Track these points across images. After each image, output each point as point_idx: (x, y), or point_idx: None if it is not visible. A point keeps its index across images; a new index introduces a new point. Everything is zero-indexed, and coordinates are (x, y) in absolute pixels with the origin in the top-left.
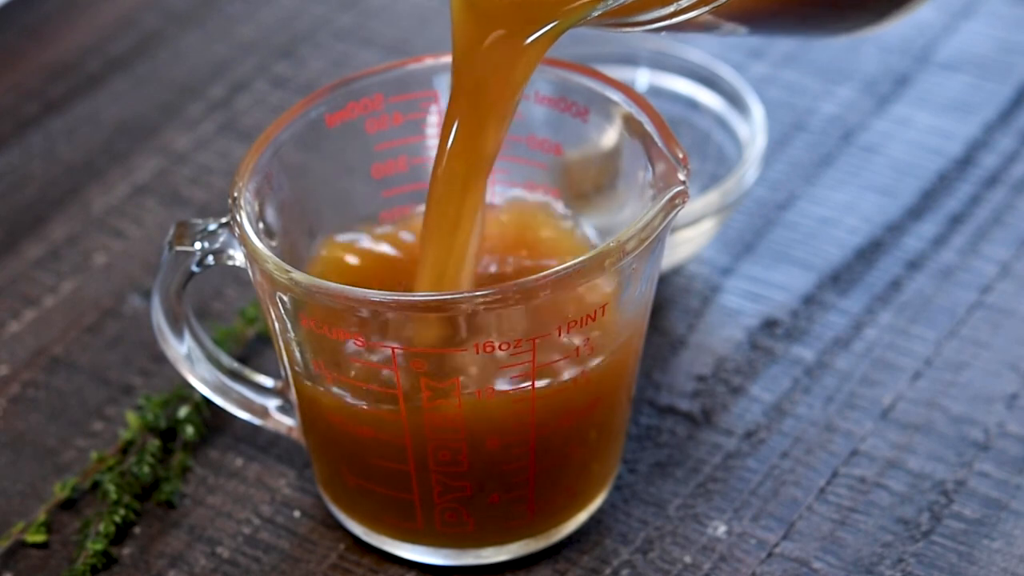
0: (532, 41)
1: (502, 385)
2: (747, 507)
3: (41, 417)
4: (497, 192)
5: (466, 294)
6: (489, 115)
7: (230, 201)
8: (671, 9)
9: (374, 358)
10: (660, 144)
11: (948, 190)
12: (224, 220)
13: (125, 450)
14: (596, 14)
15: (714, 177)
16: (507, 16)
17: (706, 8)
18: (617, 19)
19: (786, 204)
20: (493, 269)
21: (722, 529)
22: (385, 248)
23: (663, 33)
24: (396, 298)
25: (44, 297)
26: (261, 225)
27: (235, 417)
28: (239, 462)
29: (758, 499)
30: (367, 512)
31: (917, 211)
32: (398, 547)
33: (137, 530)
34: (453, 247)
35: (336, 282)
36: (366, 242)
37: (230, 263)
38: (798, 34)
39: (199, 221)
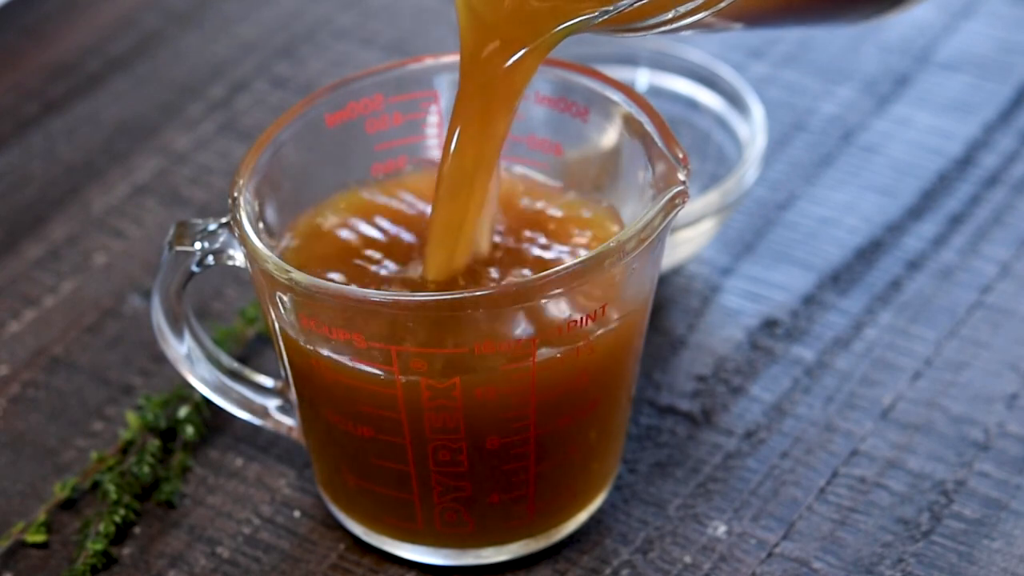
0: (532, 48)
1: (502, 385)
2: (747, 507)
3: (41, 417)
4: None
5: (465, 294)
6: (497, 112)
7: (230, 201)
8: (670, 15)
9: (374, 358)
10: (660, 144)
11: (948, 190)
12: (224, 220)
13: (125, 450)
14: (596, 23)
15: (714, 177)
16: (509, 26)
17: (706, 13)
18: (617, 26)
19: (786, 204)
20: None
21: (722, 529)
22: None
23: (661, 34)
24: (396, 298)
25: (44, 297)
26: (261, 225)
27: (235, 417)
28: (239, 462)
29: (758, 499)
30: (367, 512)
31: (917, 211)
32: (398, 547)
33: (137, 530)
34: (459, 241)
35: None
36: (344, 218)
37: (230, 263)
38: (799, 26)
39: (199, 221)
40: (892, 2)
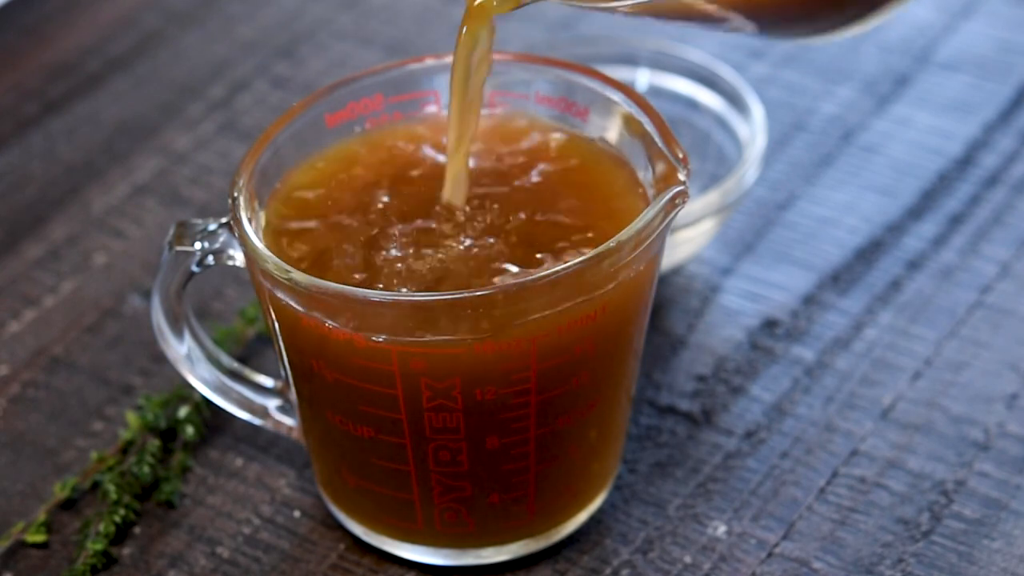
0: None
1: (501, 385)
2: (747, 507)
3: (41, 417)
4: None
5: (465, 294)
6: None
7: (230, 201)
8: None
9: (374, 358)
10: (660, 144)
11: (948, 190)
12: (224, 220)
13: (125, 450)
14: None
15: (714, 177)
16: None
17: None
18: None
19: (786, 204)
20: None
21: (722, 529)
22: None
23: (659, 23)
24: (396, 298)
25: (44, 297)
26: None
27: (235, 417)
28: (239, 462)
29: (758, 499)
30: (367, 512)
31: (917, 211)
32: (398, 547)
33: (137, 530)
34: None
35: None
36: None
37: (230, 263)
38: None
39: (199, 221)
40: (869, 11)
